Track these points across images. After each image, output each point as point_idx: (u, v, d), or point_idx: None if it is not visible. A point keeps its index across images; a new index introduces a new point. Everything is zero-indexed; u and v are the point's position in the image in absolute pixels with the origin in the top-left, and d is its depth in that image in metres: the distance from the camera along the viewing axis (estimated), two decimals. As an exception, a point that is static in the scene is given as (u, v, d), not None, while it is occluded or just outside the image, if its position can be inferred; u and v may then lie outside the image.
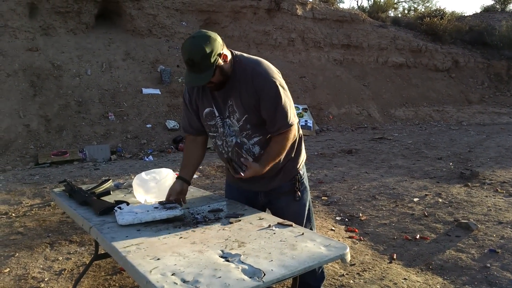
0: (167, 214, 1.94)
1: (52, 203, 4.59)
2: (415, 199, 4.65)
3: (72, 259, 3.18)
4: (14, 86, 8.33)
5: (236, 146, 2.05)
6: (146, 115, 9.04)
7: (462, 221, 3.81)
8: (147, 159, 7.37)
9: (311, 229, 2.25)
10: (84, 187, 2.62)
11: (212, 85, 1.94)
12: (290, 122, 1.97)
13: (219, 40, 1.85)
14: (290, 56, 12.70)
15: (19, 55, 8.91)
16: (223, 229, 1.84)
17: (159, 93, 9.66)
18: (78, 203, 2.29)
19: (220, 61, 1.86)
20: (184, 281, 1.34)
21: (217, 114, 2.05)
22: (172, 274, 1.39)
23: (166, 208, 1.99)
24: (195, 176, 5.90)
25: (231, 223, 1.92)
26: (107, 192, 2.43)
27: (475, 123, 12.34)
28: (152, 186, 2.24)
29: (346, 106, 12.09)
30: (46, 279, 2.82)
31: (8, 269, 2.96)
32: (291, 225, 1.86)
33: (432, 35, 15.50)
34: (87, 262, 2.86)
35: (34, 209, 4.47)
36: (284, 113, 1.95)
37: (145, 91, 9.55)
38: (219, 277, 1.36)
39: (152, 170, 2.33)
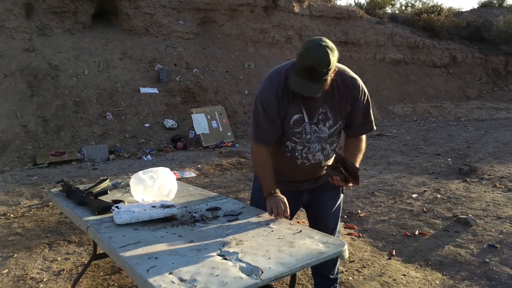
0: (164, 213, 1.94)
1: (51, 203, 4.58)
2: (414, 195, 4.65)
3: (71, 259, 3.17)
4: (11, 86, 8.31)
5: (319, 151, 2.07)
6: (144, 114, 9.02)
7: (461, 216, 3.81)
8: (145, 159, 7.36)
9: (339, 226, 2.34)
10: (81, 187, 2.61)
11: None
12: (374, 127, 2.15)
13: (337, 54, 1.80)
14: (288, 54, 12.68)
15: (16, 55, 8.88)
16: (221, 227, 1.84)
17: (157, 92, 9.64)
18: (76, 203, 2.29)
19: (331, 75, 1.85)
20: (181, 280, 1.34)
21: (306, 121, 1.99)
22: (170, 273, 1.39)
23: (164, 207, 1.99)
24: (193, 174, 5.92)
25: (229, 221, 1.92)
26: (104, 192, 2.42)
27: (473, 118, 12.34)
28: (149, 185, 2.23)
29: (344, 103, 12.09)
30: (44, 280, 2.82)
31: (6, 270, 2.95)
32: None
33: (430, 31, 15.48)
34: (86, 262, 2.86)
35: (32, 210, 4.46)
36: (372, 118, 2.11)
37: (143, 90, 9.53)
38: (216, 276, 1.36)
39: (149, 169, 2.32)
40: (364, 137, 2.16)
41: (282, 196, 1.99)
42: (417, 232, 3.57)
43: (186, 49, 11.19)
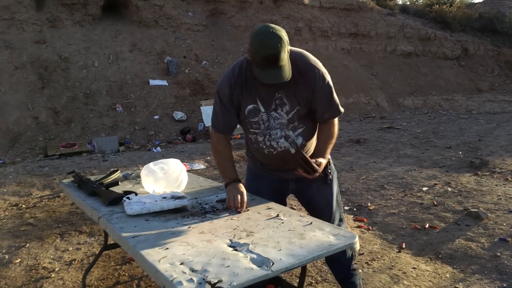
0: (175, 204, 1.94)
1: (62, 194, 4.63)
2: (424, 188, 4.62)
3: (82, 249, 3.20)
4: (22, 78, 8.38)
5: (282, 138, 2.04)
6: (154, 106, 9.05)
7: (472, 210, 3.77)
8: (155, 150, 7.40)
9: (340, 214, 2.26)
10: (92, 178, 2.63)
11: None
12: (341, 110, 2.05)
13: (285, 34, 1.81)
14: (297, 46, 12.46)
15: (26, 47, 8.94)
16: (231, 219, 1.84)
17: (166, 84, 9.66)
18: (87, 193, 2.30)
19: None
20: (192, 270, 1.34)
21: (262, 110, 2.00)
22: (181, 264, 1.39)
23: (174, 198, 1.99)
24: (202, 166, 5.93)
25: (239, 212, 1.92)
26: (115, 183, 2.43)
27: (484, 111, 12.20)
28: (160, 176, 2.24)
29: (354, 95, 12.01)
30: (56, 269, 2.85)
31: (19, 260, 2.99)
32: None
33: (441, 23, 15.28)
34: (97, 252, 2.88)
35: (44, 200, 4.51)
36: (336, 102, 2.03)
37: (152, 82, 9.55)
38: (227, 266, 1.36)
39: (160, 160, 2.33)
40: (335, 121, 2.08)
41: (240, 186, 2.03)
42: (427, 225, 3.55)
43: (195, 41, 11.18)
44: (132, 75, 9.52)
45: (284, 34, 1.76)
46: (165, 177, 2.24)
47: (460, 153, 6.48)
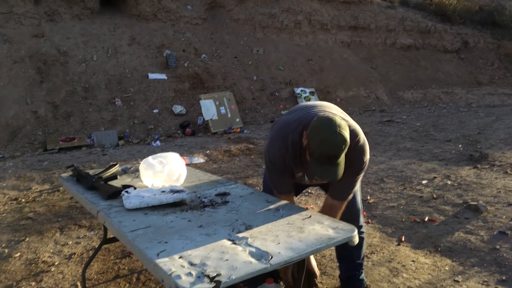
0: (173, 198, 1.94)
1: (61, 188, 4.63)
2: (424, 182, 4.62)
3: (82, 243, 3.21)
4: (21, 73, 8.35)
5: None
6: (153, 100, 9.03)
7: (471, 203, 3.78)
8: (154, 144, 7.39)
9: (358, 208, 2.34)
10: (91, 172, 2.62)
11: None
12: (345, 198, 2.08)
13: (346, 125, 1.84)
14: (297, 39, 12.55)
15: (25, 41, 8.90)
16: (230, 213, 1.84)
17: (165, 78, 9.62)
18: (86, 188, 2.30)
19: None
20: (191, 264, 1.34)
21: (306, 179, 2.15)
22: (180, 257, 1.39)
23: (173, 192, 1.99)
24: (201, 160, 5.93)
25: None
26: (114, 177, 2.43)
27: (484, 104, 12.17)
28: (159, 170, 2.23)
29: (353, 89, 11.97)
30: (56, 263, 2.86)
31: (19, 254, 2.99)
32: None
33: (441, 16, 15.20)
34: (97, 246, 2.89)
35: (43, 195, 4.51)
36: (349, 190, 2.06)
37: (151, 76, 9.52)
38: (226, 260, 1.36)
39: (158, 154, 2.33)
40: (341, 205, 2.09)
41: None
42: (426, 219, 3.56)
43: (194, 35, 11.13)
44: (131, 69, 9.48)
45: (347, 133, 1.76)
46: (164, 171, 2.24)
47: (460, 146, 6.48)
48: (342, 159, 1.78)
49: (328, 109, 2.03)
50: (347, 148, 1.76)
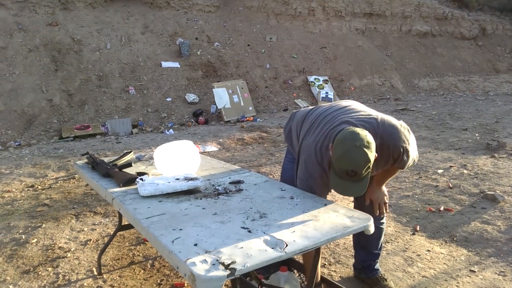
0: (188, 185, 1.94)
1: (77, 175, 4.69)
2: (440, 171, 4.55)
3: (97, 230, 3.24)
4: (35, 61, 8.42)
5: None
6: (166, 88, 9.05)
7: (488, 192, 3.71)
8: (167, 133, 7.42)
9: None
10: (106, 159, 2.64)
11: None
12: (405, 166, 2.04)
13: (374, 143, 1.73)
14: (310, 26, 12.42)
15: (39, 30, 8.96)
16: (245, 200, 1.83)
17: (178, 66, 9.62)
18: (101, 175, 2.31)
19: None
20: (206, 251, 1.34)
21: None
22: (195, 245, 1.39)
23: (187, 180, 1.99)
24: (215, 148, 5.94)
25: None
26: (128, 164, 2.44)
27: (502, 93, 11.94)
28: (172, 158, 2.23)
29: (368, 77, 11.84)
30: (72, 249, 2.90)
31: (35, 240, 3.04)
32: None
33: (459, 2, 14.88)
34: (112, 232, 2.92)
35: (59, 182, 4.56)
36: (406, 162, 2.01)
37: (165, 64, 9.53)
38: (241, 248, 1.36)
39: (172, 142, 2.32)
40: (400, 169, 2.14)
41: None
42: (442, 208, 3.51)
43: (207, 22, 11.08)
44: (144, 57, 9.50)
45: (369, 151, 1.67)
46: (178, 159, 2.23)
47: (477, 135, 6.37)
48: (364, 176, 1.71)
49: (351, 112, 2.00)
50: (369, 164, 1.68)
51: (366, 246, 2.37)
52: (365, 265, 2.40)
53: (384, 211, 2.20)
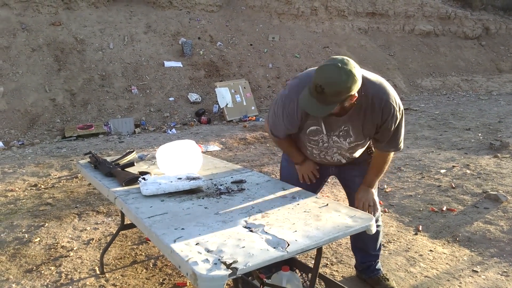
0: (190, 185, 1.94)
1: (79, 175, 4.70)
2: (442, 171, 4.55)
3: (100, 229, 3.25)
4: (39, 60, 8.44)
5: (339, 155, 2.07)
6: (169, 88, 9.05)
7: (491, 192, 3.71)
8: (170, 132, 7.43)
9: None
10: (109, 159, 2.64)
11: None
12: (400, 147, 2.01)
13: (358, 82, 1.65)
14: (313, 26, 12.40)
15: (42, 29, 8.99)
16: (247, 200, 1.83)
17: (181, 65, 9.63)
18: (103, 174, 2.32)
19: (348, 100, 1.71)
20: (208, 250, 1.34)
21: (324, 132, 1.96)
22: (196, 244, 1.39)
23: (189, 179, 1.99)
24: (217, 148, 5.94)
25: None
26: (131, 164, 2.45)
27: (505, 92, 11.89)
28: (175, 157, 2.24)
29: (370, 76, 11.81)
30: (75, 248, 2.90)
31: (38, 239, 3.05)
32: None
33: (462, 1, 14.83)
34: (114, 232, 2.93)
35: (62, 181, 4.58)
36: (399, 138, 1.97)
37: (167, 64, 9.54)
38: (243, 247, 1.36)
39: (175, 141, 2.33)
40: (391, 154, 2.08)
41: (310, 162, 2.16)
42: (445, 208, 3.51)
43: (209, 22, 11.08)
44: (147, 57, 9.51)
45: (348, 79, 1.59)
46: (180, 158, 2.24)
47: (480, 135, 6.35)
48: (332, 99, 1.64)
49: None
50: (340, 90, 1.60)
51: (363, 248, 2.36)
52: (365, 265, 2.40)
53: (370, 212, 2.09)
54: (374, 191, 2.14)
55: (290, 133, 2.05)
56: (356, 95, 1.71)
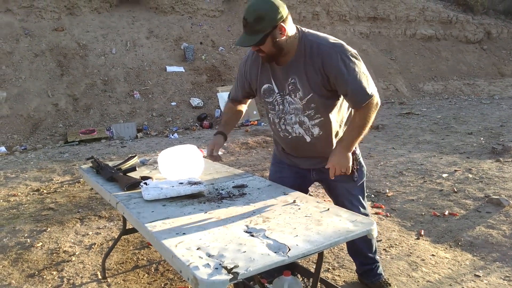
0: (191, 190, 1.95)
1: (82, 180, 4.71)
2: (444, 175, 4.54)
3: (102, 233, 3.26)
4: (42, 66, 8.49)
5: (297, 124, 2.00)
6: (171, 93, 9.08)
7: (493, 197, 3.70)
8: (172, 137, 7.44)
9: (365, 207, 2.22)
10: (110, 163, 2.65)
11: (263, 55, 1.87)
12: (369, 93, 1.82)
13: (282, 10, 1.77)
14: (315, 31, 12.43)
15: (45, 35, 9.04)
16: (248, 205, 1.84)
17: (183, 70, 9.66)
18: (105, 179, 2.32)
19: (276, 32, 1.78)
20: (209, 255, 1.34)
21: (276, 91, 1.99)
22: (198, 249, 1.39)
23: (191, 184, 2.00)
24: (219, 153, 5.94)
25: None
26: (133, 168, 2.45)
27: (507, 96, 11.88)
28: (176, 162, 2.24)
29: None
30: (77, 253, 2.91)
31: (40, 243, 3.06)
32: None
33: (463, 5, 14.86)
34: (116, 236, 2.93)
35: (64, 186, 4.59)
36: (359, 85, 1.81)
37: (169, 69, 9.57)
38: (244, 252, 1.36)
39: (176, 146, 2.33)
40: (367, 109, 1.85)
41: (219, 138, 2.21)
42: (447, 212, 3.50)
43: (211, 27, 11.12)
44: (149, 62, 9.55)
45: (266, 8, 1.74)
46: (182, 163, 2.24)
47: (482, 139, 6.34)
48: (254, 28, 1.76)
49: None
50: (259, 16, 1.73)
51: (359, 251, 2.33)
52: (365, 269, 2.38)
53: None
54: (350, 155, 1.92)
55: (241, 93, 2.19)
56: (290, 30, 1.83)
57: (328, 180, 2.05)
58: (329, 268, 2.67)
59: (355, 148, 2.04)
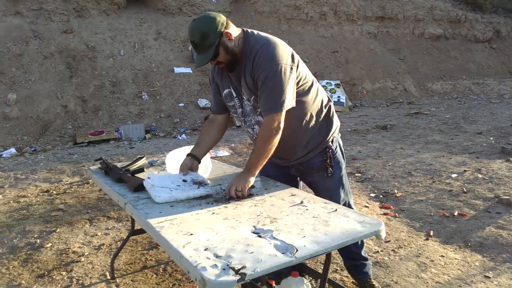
0: (200, 193, 1.96)
1: (90, 181, 4.74)
2: (453, 175, 4.50)
3: (110, 234, 3.28)
4: (51, 68, 8.56)
5: (256, 124, 2.04)
6: (179, 94, 9.11)
7: (503, 197, 3.66)
8: (180, 138, 7.47)
9: (348, 203, 2.22)
10: (119, 164, 2.67)
11: (223, 65, 1.94)
12: (275, 108, 1.82)
13: (220, 19, 1.84)
14: (322, 31, 12.41)
15: (54, 37, 9.12)
16: (255, 205, 1.84)
17: (191, 72, 9.69)
18: (114, 180, 2.34)
19: (224, 40, 1.85)
20: (216, 256, 1.34)
21: (234, 95, 2.05)
22: (205, 249, 1.39)
23: (198, 185, 2.00)
24: (227, 153, 5.96)
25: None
26: (141, 169, 2.47)
27: (518, 96, 11.77)
28: (184, 163, 2.25)
29: (380, 81, 11.77)
30: (86, 253, 2.93)
31: (50, 244, 3.08)
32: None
33: (472, 4, 14.73)
34: (125, 237, 2.94)
35: (73, 187, 4.62)
36: (271, 96, 1.82)
37: (177, 70, 9.61)
38: (251, 253, 1.36)
39: (184, 147, 2.34)
40: (267, 122, 1.85)
41: (192, 160, 2.14)
42: (456, 213, 3.47)
43: (219, 28, 11.14)
44: (157, 63, 9.60)
45: (205, 23, 1.81)
46: (190, 164, 2.24)
47: (491, 138, 6.28)
48: (203, 46, 1.82)
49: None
50: (204, 33, 1.80)
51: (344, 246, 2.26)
52: (350, 264, 2.35)
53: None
54: (251, 178, 1.93)
55: (217, 102, 2.19)
56: (234, 33, 1.87)
57: (306, 177, 2.18)
58: (337, 269, 2.66)
59: (331, 143, 2.10)
